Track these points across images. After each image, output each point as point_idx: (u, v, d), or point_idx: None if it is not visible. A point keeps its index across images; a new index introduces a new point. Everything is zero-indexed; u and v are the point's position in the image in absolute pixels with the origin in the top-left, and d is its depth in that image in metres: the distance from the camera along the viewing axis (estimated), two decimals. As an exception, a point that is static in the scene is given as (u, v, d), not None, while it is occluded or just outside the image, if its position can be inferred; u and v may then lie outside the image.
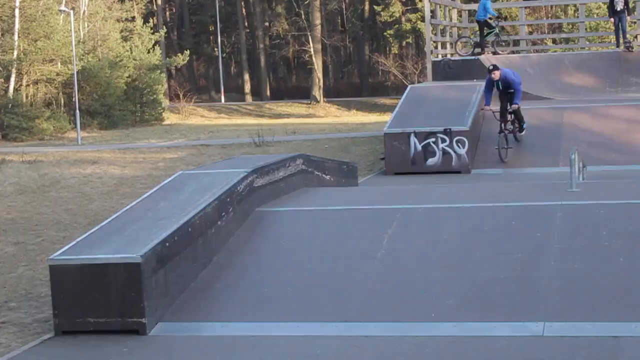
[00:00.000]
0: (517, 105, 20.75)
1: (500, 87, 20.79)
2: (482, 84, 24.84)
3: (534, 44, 43.62)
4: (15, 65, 45.93)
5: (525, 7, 36.28)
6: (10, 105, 44.90)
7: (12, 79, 46.10)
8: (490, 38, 29.56)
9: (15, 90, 46.44)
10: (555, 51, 36.21)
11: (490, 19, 29.35)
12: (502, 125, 20.87)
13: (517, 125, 21.51)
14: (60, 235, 15.22)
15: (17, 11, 46.16)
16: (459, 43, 31.18)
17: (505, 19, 53.27)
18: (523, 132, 21.59)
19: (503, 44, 30.96)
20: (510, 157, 20.91)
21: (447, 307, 8.92)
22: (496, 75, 20.57)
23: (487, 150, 22.09)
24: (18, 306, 10.53)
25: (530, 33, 53.85)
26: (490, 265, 9.79)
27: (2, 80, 46.39)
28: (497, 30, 29.77)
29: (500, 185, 16.10)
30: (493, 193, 13.38)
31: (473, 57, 28.84)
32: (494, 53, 29.65)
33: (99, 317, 8.77)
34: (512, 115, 21.23)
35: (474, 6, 32.96)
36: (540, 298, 9.00)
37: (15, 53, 46.00)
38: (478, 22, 29.68)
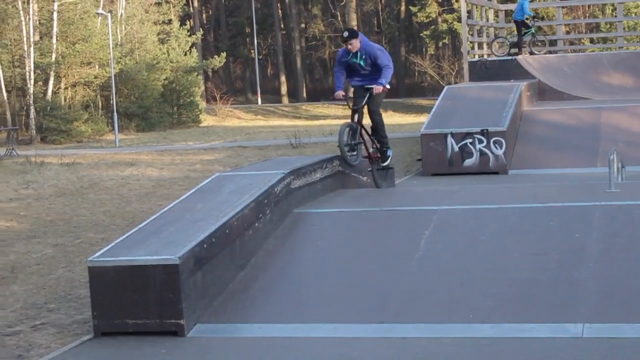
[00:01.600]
0: (380, 87, 13.05)
1: (362, 65, 13.16)
2: (519, 84, 24.76)
3: (571, 43, 43.37)
4: (54, 68, 46.33)
5: (563, 7, 36.12)
6: (48, 108, 45.30)
7: (51, 81, 46.49)
8: (527, 38, 29.48)
9: (54, 93, 46.84)
10: (593, 51, 35.95)
11: (527, 19, 29.25)
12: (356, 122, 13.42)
13: (375, 144, 13.90)
14: (98, 237, 15.32)
15: (55, 15, 46.55)
16: (495, 43, 31.07)
17: (542, 18, 53.02)
18: (387, 162, 14.01)
19: (539, 44, 30.82)
20: (360, 159, 13.70)
21: (485, 308, 8.89)
22: (354, 45, 13.01)
23: (524, 150, 21.99)
24: (57, 307, 10.61)
25: (568, 33, 53.58)
26: (528, 266, 9.74)
27: (40, 83, 46.80)
28: (533, 30, 29.66)
29: (538, 185, 16.01)
30: (531, 193, 13.31)
31: (510, 58, 28.74)
32: (531, 53, 29.54)
33: (138, 319, 8.81)
34: (371, 122, 13.69)
35: (510, 6, 32.84)
36: (579, 299, 8.95)
37: (54, 56, 46.40)
38: (515, 22, 29.62)
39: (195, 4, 76.93)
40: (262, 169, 12.37)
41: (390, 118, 56.06)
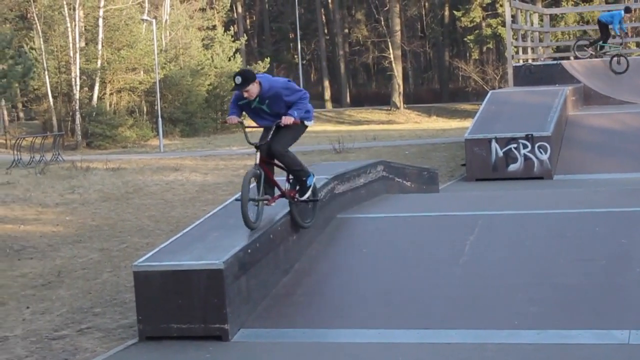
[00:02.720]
0: (291, 118, 9.89)
1: (266, 110, 9.99)
2: (564, 88, 24.60)
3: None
4: (99, 74, 46.69)
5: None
6: (94, 113, 45.67)
7: (96, 87, 46.88)
8: (613, 51, 28.66)
9: (99, 98, 47.22)
10: (639, 55, 35.60)
11: (613, 36, 28.39)
12: (259, 164, 9.94)
13: (291, 182, 10.52)
14: (143, 242, 15.40)
15: (100, 21, 46.94)
16: (575, 46, 30.32)
17: (588, 22, 52.65)
18: (307, 194, 10.47)
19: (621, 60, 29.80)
20: (261, 219, 9.89)
21: (530, 314, 8.83)
22: (250, 92, 9.74)
23: (570, 155, 21.85)
24: (103, 312, 10.67)
25: (613, 37, 53.09)
26: (573, 272, 9.67)
27: (86, 88, 47.20)
28: (620, 48, 28.71)
29: (583, 191, 15.91)
30: (576, 199, 13.22)
31: (555, 62, 28.56)
32: (612, 70, 28.60)
33: (182, 323, 8.84)
34: (279, 154, 10.13)
35: (555, 10, 32.59)
36: (625, 306, 8.86)
37: (99, 62, 46.77)
38: (599, 22, 28.99)
39: (240, 9, 77.22)
40: (306, 174, 12.36)
41: (434, 123, 55.97)
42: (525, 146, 21.03)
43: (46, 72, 45.99)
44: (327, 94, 75.75)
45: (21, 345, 9.37)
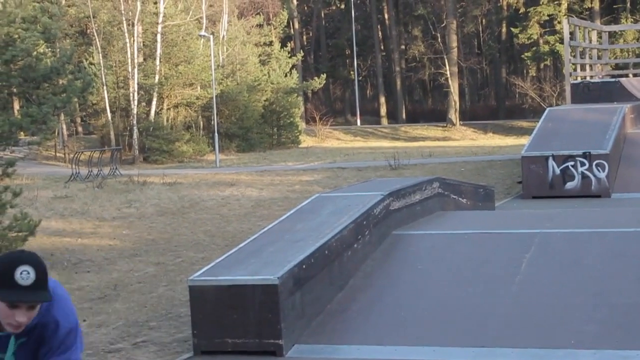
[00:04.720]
0: None
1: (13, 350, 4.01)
2: (623, 106, 24.34)
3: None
4: (157, 89, 47.03)
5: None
6: (151, 128, 45.99)
7: (154, 102, 47.21)
8: None
9: (157, 113, 47.55)
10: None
11: None
12: None
13: None
14: (198, 257, 15.47)
15: (159, 37, 47.31)
16: None
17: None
18: None
19: None
20: None
21: (587, 333, 8.74)
22: (27, 319, 3.86)
23: (628, 174, 21.62)
24: (158, 326, 10.73)
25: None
26: (632, 291, 9.56)
27: (144, 103, 47.56)
28: None
29: (642, 209, 15.71)
30: (635, 217, 13.07)
31: (613, 80, 28.32)
32: None
33: (237, 338, 8.86)
34: None
35: (614, 27, 32.31)
36: (685, 326, 8.74)
37: (157, 77, 47.12)
38: None
39: (296, 25, 77.51)
40: (361, 190, 12.37)
41: (490, 140, 55.69)
42: (582, 164, 20.86)
43: (105, 87, 46.43)
44: (383, 110, 75.70)
45: (77, 358, 9.43)
